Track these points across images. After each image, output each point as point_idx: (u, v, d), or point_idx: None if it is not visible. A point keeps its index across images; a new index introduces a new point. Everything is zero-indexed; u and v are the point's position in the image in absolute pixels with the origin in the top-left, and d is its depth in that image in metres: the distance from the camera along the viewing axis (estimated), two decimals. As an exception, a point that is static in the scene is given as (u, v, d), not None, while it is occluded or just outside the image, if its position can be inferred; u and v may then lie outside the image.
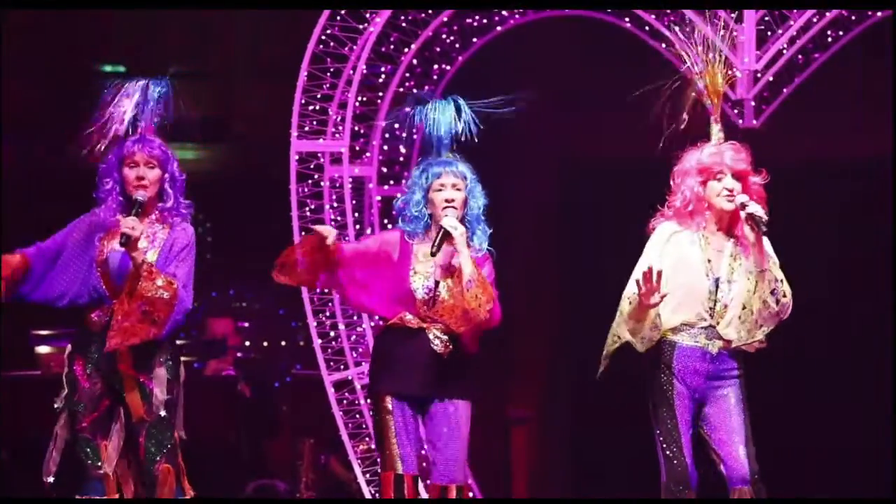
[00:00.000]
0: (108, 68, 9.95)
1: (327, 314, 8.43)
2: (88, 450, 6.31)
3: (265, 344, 11.12)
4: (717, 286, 6.10)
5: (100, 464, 6.27)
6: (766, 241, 6.10)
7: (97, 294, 6.33)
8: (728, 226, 6.16)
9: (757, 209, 6.00)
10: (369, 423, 8.39)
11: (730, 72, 6.39)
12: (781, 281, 6.03)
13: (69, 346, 6.44)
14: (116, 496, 6.29)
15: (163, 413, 6.30)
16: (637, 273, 6.09)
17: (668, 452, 6.14)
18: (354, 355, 8.45)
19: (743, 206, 6.03)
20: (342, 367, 8.45)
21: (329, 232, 6.27)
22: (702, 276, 6.11)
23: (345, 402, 8.41)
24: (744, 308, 6.07)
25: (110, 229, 6.33)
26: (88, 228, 6.39)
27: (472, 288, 6.20)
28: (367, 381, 8.33)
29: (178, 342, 6.53)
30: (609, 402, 9.37)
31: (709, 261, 6.12)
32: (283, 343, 11.11)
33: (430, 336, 6.35)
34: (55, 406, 6.40)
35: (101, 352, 6.28)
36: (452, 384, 6.36)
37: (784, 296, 6.03)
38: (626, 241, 9.21)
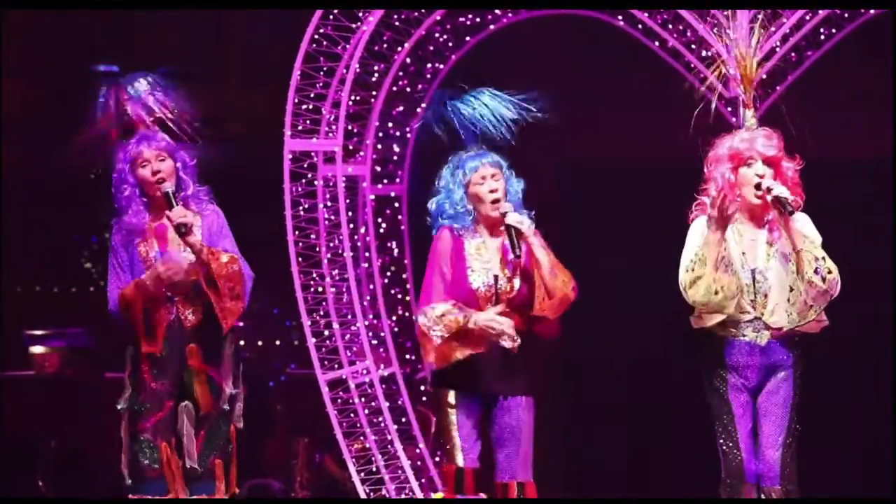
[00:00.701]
0: (102, 68, 9.96)
1: (321, 313, 8.42)
2: (148, 451, 6.35)
3: (260, 343, 11.10)
4: (753, 277, 6.10)
5: (157, 466, 6.30)
6: (805, 220, 6.11)
7: (158, 296, 6.38)
8: (760, 213, 6.15)
9: (782, 191, 5.99)
10: (364, 422, 8.39)
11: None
12: (823, 258, 6.00)
13: (131, 347, 6.47)
14: (174, 496, 6.34)
15: (226, 407, 6.44)
16: (684, 264, 6.11)
17: (724, 447, 6.17)
18: (349, 354, 8.45)
19: (769, 189, 6.02)
20: (336, 366, 8.43)
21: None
22: (738, 270, 6.11)
23: (339, 401, 8.40)
24: (791, 290, 6.06)
25: (145, 233, 6.38)
26: (124, 241, 6.44)
27: (557, 274, 6.29)
28: (361, 380, 8.39)
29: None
30: (607, 404, 9.37)
31: (743, 253, 6.12)
32: (278, 342, 11.09)
33: None
34: (118, 407, 6.46)
35: (169, 350, 6.37)
36: (518, 380, 6.44)
37: (829, 272, 5.99)
38: (625, 240, 9.24)
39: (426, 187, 6.84)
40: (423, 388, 9.00)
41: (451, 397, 6.44)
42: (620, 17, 8.40)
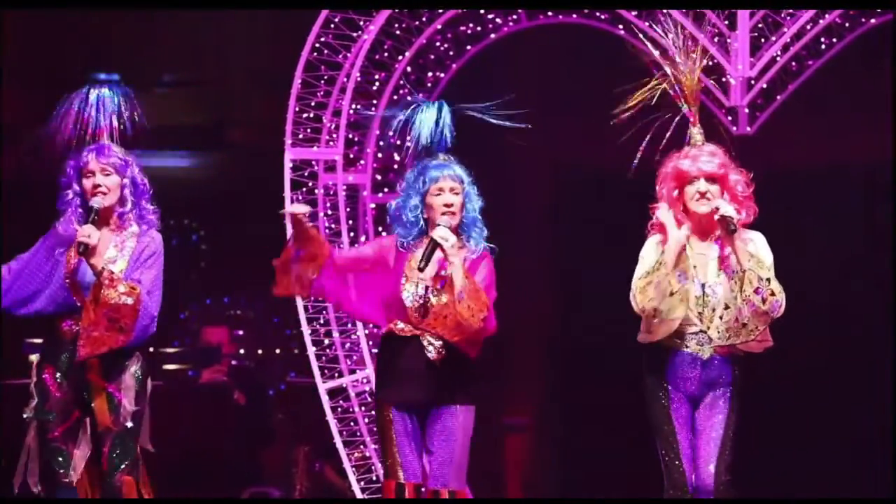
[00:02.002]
0: (102, 76, 9.94)
1: (321, 322, 8.43)
2: (60, 458, 6.30)
3: (260, 352, 11.11)
4: (703, 291, 6.12)
5: (71, 472, 6.26)
6: (759, 239, 6.14)
7: (66, 305, 6.33)
8: (708, 230, 6.17)
9: (728, 210, 6.03)
10: (364, 431, 8.39)
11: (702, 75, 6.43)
12: (768, 280, 6.02)
13: (38, 356, 6.44)
14: None
15: (129, 424, 6.29)
16: (637, 275, 6.12)
17: (665, 458, 6.18)
18: (348, 363, 8.45)
19: (716, 209, 6.05)
20: (336, 374, 8.45)
21: (302, 208, 6.33)
22: (690, 282, 6.13)
23: (339, 409, 8.41)
24: (726, 308, 6.09)
25: (72, 241, 6.33)
26: (52, 243, 6.39)
27: (464, 299, 6.19)
28: (361, 389, 8.40)
29: (150, 352, 6.58)
30: (603, 410, 9.36)
31: (694, 267, 6.14)
32: (278, 351, 11.10)
33: (424, 343, 6.34)
34: (24, 416, 6.41)
35: (71, 361, 6.29)
36: (451, 390, 6.35)
37: (772, 294, 6.01)
38: (621, 248, 9.22)
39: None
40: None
41: (390, 412, 6.36)
42: (621, 27, 8.41)
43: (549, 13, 8.54)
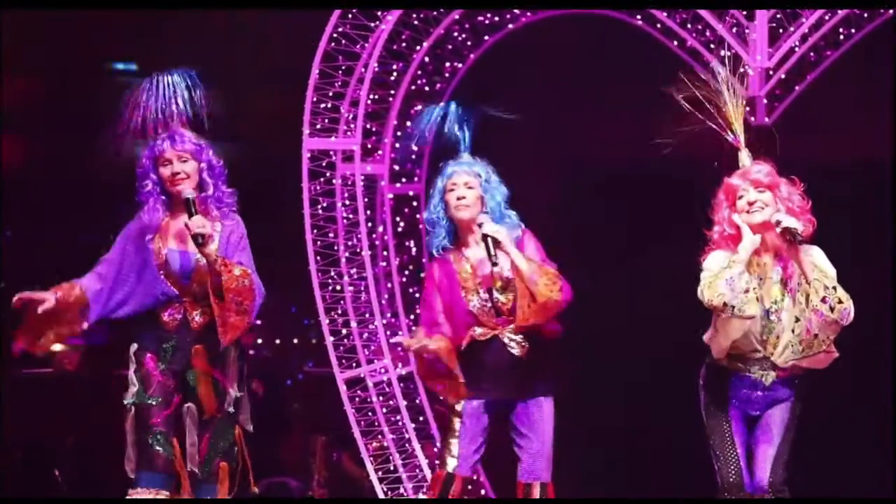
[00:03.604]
0: (120, 66, 9.95)
1: (339, 312, 8.45)
2: (165, 442, 6.31)
3: (277, 342, 11.13)
4: (768, 317, 6.10)
5: (172, 458, 6.29)
6: (819, 253, 6.09)
7: (165, 296, 6.36)
8: (770, 246, 6.13)
9: (790, 222, 5.96)
10: (381, 421, 8.41)
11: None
12: (834, 289, 5.96)
13: (134, 345, 6.42)
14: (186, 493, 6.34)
15: (231, 410, 6.41)
16: (709, 266, 6.08)
17: (718, 464, 6.20)
18: (366, 353, 8.47)
19: (778, 222, 6.01)
20: (354, 364, 8.47)
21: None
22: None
23: (357, 399, 8.43)
24: (797, 321, 6.06)
25: (159, 230, 6.37)
26: (138, 234, 6.41)
27: (538, 279, 6.22)
28: (379, 379, 8.42)
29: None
30: (603, 409, 9.36)
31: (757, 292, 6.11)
32: (296, 341, 11.13)
33: (505, 340, 6.37)
34: (125, 402, 6.42)
35: (176, 350, 6.34)
36: (534, 383, 6.39)
37: (839, 302, 5.95)
38: (625, 247, 9.21)
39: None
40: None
41: (461, 405, 6.40)
42: (639, 17, 8.41)
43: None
